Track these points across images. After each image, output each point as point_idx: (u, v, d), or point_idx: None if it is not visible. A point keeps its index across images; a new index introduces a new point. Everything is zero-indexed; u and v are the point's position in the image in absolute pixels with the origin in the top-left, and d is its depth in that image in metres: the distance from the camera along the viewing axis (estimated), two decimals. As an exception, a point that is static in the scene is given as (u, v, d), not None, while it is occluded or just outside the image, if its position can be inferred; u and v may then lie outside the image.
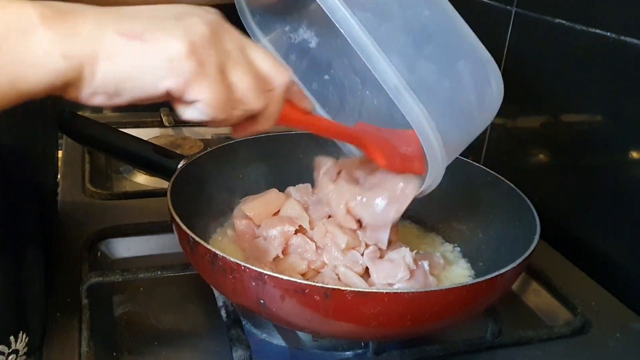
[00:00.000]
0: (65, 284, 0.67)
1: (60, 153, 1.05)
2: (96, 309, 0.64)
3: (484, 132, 1.01)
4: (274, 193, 0.68)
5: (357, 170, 0.62)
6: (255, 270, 0.48)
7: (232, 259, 0.50)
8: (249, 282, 0.49)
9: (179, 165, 0.69)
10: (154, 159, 0.71)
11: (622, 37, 0.75)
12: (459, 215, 0.75)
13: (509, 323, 0.63)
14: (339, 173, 0.63)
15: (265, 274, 0.48)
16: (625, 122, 0.76)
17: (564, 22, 0.84)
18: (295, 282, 0.48)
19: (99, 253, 0.76)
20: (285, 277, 0.48)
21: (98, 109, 1.48)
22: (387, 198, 0.57)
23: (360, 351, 0.62)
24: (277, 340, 0.63)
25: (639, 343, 0.66)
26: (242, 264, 0.49)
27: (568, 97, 0.86)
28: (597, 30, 0.78)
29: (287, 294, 0.48)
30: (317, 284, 0.47)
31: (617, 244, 0.78)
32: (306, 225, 0.63)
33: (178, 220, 0.55)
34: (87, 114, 1.24)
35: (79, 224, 0.79)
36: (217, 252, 0.51)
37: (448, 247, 0.74)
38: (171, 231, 0.78)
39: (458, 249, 0.73)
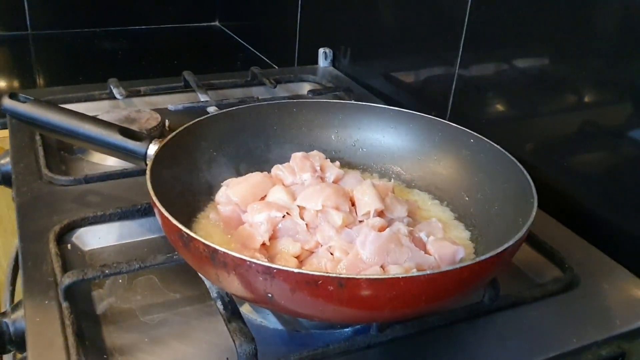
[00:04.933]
0: (38, 284, 0.63)
1: (6, 133, 0.98)
2: (77, 309, 0.60)
3: (449, 85, 1.01)
4: (259, 176, 0.64)
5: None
6: (263, 265, 0.46)
7: (235, 254, 0.47)
8: (255, 277, 0.47)
9: (151, 151, 0.65)
10: (121, 144, 0.67)
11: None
12: (443, 177, 0.74)
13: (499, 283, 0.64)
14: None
15: (274, 268, 0.46)
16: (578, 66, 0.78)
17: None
18: (307, 274, 0.45)
19: (69, 246, 0.71)
20: (296, 270, 0.45)
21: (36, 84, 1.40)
22: None
23: (359, 327, 0.61)
24: (274, 325, 0.61)
25: (626, 293, 0.68)
26: (247, 259, 0.46)
27: (526, 45, 0.86)
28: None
29: (298, 286, 0.46)
30: (330, 274, 0.45)
31: (587, 191, 0.79)
32: (295, 214, 0.60)
33: (168, 215, 0.52)
34: (27, 91, 1.16)
35: (41, 215, 0.74)
36: (218, 247, 0.47)
37: (439, 205, 0.73)
38: (142, 216, 0.76)
39: (448, 208, 0.72)
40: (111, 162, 0.90)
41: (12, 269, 0.89)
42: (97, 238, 0.73)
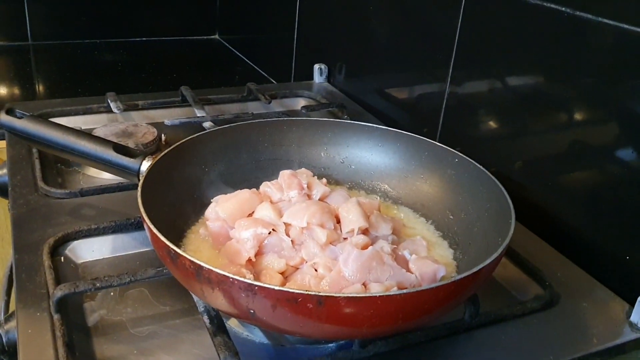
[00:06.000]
0: (31, 295, 0.64)
1: (3, 144, 0.99)
2: (68, 320, 0.61)
3: (440, 102, 1.03)
4: (247, 193, 0.66)
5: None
6: (245, 282, 0.47)
7: (219, 271, 0.48)
8: (238, 294, 0.48)
9: (144, 168, 0.66)
10: (115, 160, 0.68)
11: (577, 13, 0.76)
12: (429, 196, 0.75)
13: (480, 299, 0.65)
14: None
15: (256, 285, 0.47)
16: (568, 86, 0.79)
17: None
18: (287, 291, 0.47)
19: (62, 258, 0.72)
20: (276, 287, 0.47)
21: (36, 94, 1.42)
22: None
23: (343, 342, 0.62)
24: (260, 339, 0.63)
25: (604, 311, 0.69)
26: (230, 276, 0.48)
27: (515, 64, 0.88)
28: (552, 5, 0.79)
29: (279, 303, 0.48)
30: (310, 292, 0.47)
31: (573, 210, 0.81)
32: (281, 231, 0.62)
33: (156, 232, 0.53)
34: (25, 103, 1.18)
35: (36, 228, 0.76)
36: (203, 264, 0.49)
37: (424, 223, 0.74)
38: (135, 229, 0.77)
39: (433, 226, 0.74)
40: (107, 176, 0.92)
41: (7, 279, 0.90)
42: (90, 251, 0.75)
